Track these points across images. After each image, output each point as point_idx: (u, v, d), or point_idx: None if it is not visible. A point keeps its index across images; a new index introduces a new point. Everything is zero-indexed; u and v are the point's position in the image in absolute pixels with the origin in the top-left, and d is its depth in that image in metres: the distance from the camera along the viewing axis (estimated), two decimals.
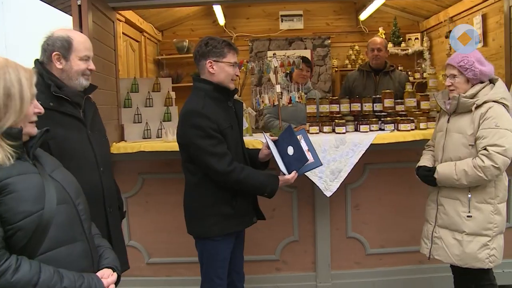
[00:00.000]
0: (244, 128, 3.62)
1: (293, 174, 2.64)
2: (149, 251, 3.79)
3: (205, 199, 2.60)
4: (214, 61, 2.54)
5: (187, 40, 6.80)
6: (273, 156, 2.69)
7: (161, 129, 3.88)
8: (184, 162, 2.66)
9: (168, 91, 4.08)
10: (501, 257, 2.81)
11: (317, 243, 3.75)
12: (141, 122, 3.90)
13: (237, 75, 2.66)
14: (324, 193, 3.44)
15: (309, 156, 2.66)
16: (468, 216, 2.75)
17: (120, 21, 5.10)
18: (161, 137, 3.81)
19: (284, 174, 2.64)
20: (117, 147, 3.53)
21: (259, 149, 2.87)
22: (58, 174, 1.71)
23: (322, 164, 2.76)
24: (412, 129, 3.66)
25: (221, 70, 2.56)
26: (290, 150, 2.67)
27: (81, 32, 2.39)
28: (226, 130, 2.54)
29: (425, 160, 3.05)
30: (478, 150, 2.67)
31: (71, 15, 3.10)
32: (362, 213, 3.79)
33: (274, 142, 2.79)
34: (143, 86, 4.03)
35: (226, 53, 2.56)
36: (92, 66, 2.27)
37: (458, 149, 2.78)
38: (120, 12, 4.86)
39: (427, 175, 2.89)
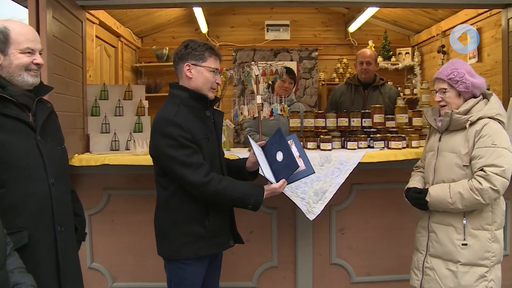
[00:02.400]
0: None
1: (282, 182, 2.37)
2: (114, 275, 3.48)
3: (175, 216, 2.38)
4: (192, 64, 2.36)
5: (167, 48, 6.54)
6: (258, 163, 2.43)
7: (130, 140, 3.57)
8: (156, 176, 2.44)
9: (141, 100, 3.78)
10: None
11: (298, 270, 3.49)
12: (109, 132, 3.60)
13: (217, 83, 2.45)
14: (307, 216, 3.16)
15: (300, 163, 2.40)
16: (463, 244, 2.52)
17: (93, 23, 4.81)
18: (129, 150, 3.49)
19: (271, 183, 2.37)
20: (79, 159, 3.22)
21: (246, 158, 2.62)
22: None
23: (314, 172, 2.48)
24: (403, 147, 3.43)
25: (199, 75, 2.36)
26: (279, 156, 2.41)
27: (36, 26, 2.09)
28: (201, 141, 2.33)
29: (415, 182, 2.81)
30: (474, 171, 2.46)
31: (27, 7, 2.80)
32: (347, 238, 3.54)
33: (262, 147, 2.55)
34: (114, 93, 3.73)
35: (206, 57, 2.37)
36: (39, 60, 1.98)
37: (451, 170, 2.55)
38: (92, 13, 4.58)
39: (418, 198, 2.64)
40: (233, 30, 6.94)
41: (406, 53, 6.74)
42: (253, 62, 3.44)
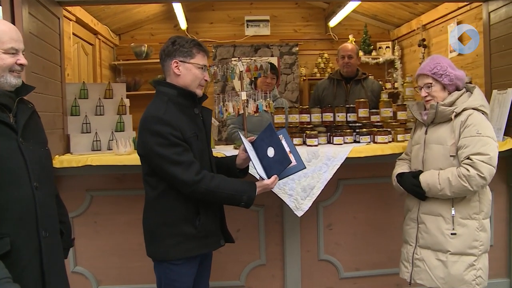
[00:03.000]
0: None
1: (274, 178, 2.32)
2: (98, 278, 3.39)
3: (164, 216, 2.31)
4: (180, 61, 2.30)
5: (146, 45, 6.41)
6: (250, 159, 2.39)
7: (112, 140, 3.48)
8: (145, 176, 2.37)
9: (122, 98, 3.68)
10: (486, 278, 2.65)
11: (286, 267, 3.45)
12: (90, 132, 3.49)
13: (206, 80, 2.39)
14: (295, 212, 3.13)
15: (291, 158, 2.35)
16: (452, 234, 2.57)
17: (70, 20, 4.68)
18: (112, 149, 3.40)
19: (263, 179, 2.32)
20: (60, 161, 3.13)
21: (236, 156, 2.57)
22: None
23: (305, 167, 2.44)
24: (389, 141, 3.42)
25: (187, 72, 2.31)
26: (270, 152, 2.36)
27: (11, 23, 2.00)
28: (190, 139, 2.27)
29: (404, 168, 2.84)
30: (461, 160, 2.52)
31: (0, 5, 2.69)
32: (335, 233, 3.51)
33: (252, 143, 2.49)
34: (94, 92, 3.62)
35: (194, 53, 2.32)
36: (22, 60, 1.89)
37: (439, 161, 2.61)
38: (69, 9, 4.46)
39: (415, 184, 2.64)
40: (213, 26, 6.85)
41: (387, 47, 6.74)
42: (237, 58, 3.38)
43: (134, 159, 3.12)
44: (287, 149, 2.35)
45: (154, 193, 2.32)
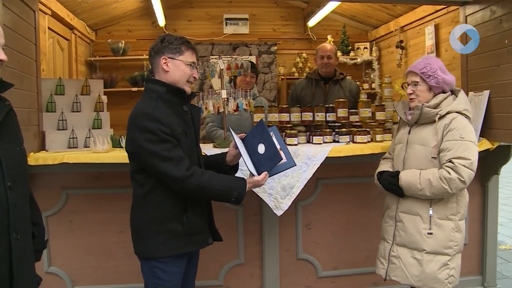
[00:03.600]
0: None
1: (264, 175, 2.32)
2: (73, 278, 3.32)
3: (152, 214, 2.29)
4: (169, 57, 2.30)
5: (123, 41, 6.31)
6: (241, 156, 2.38)
7: (89, 137, 3.41)
8: (133, 173, 2.34)
9: (99, 95, 3.62)
10: (458, 277, 2.71)
11: (264, 266, 3.45)
12: (66, 129, 3.42)
13: (194, 77, 2.38)
14: (275, 211, 3.13)
15: (281, 155, 2.34)
16: (428, 233, 2.62)
17: (45, 13, 4.56)
18: (89, 147, 3.33)
19: (253, 175, 2.31)
20: (35, 158, 3.04)
21: (225, 152, 2.56)
22: None
23: (296, 165, 2.43)
24: (368, 141, 3.44)
25: (176, 69, 2.31)
26: (261, 148, 2.35)
27: None
28: (179, 136, 2.25)
29: (387, 167, 2.88)
30: (443, 162, 2.56)
31: None
32: (313, 233, 3.53)
33: (243, 140, 2.48)
34: (70, 88, 3.55)
35: (183, 50, 2.32)
36: (2, 56, 1.80)
37: (420, 161, 2.65)
38: (44, 2, 4.37)
39: (393, 183, 2.69)
40: (191, 24, 6.79)
41: (365, 48, 6.80)
42: (217, 56, 3.36)
43: (112, 157, 3.09)
44: (278, 146, 2.34)
45: (142, 191, 2.30)
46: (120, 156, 3.07)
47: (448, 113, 2.60)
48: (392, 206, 2.80)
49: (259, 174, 2.31)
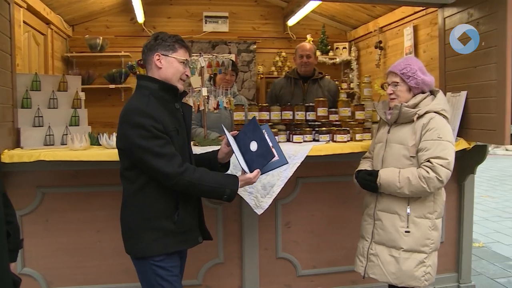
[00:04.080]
0: None
1: (256, 172, 2.31)
2: (48, 279, 3.24)
3: (143, 212, 2.28)
4: (162, 54, 2.30)
5: (101, 38, 6.22)
6: (234, 153, 2.37)
7: (66, 134, 3.34)
8: (124, 171, 2.32)
9: (77, 91, 3.55)
10: (435, 274, 2.75)
11: (244, 265, 3.44)
12: (42, 126, 3.34)
13: (187, 75, 2.39)
14: (255, 210, 3.11)
15: (274, 152, 2.33)
16: (406, 232, 2.65)
17: (21, 6, 4.45)
18: (66, 144, 3.27)
19: (246, 173, 2.30)
20: (10, 155, 2.96)
21: (216, 150, 2.56)
22: None
23: (288, 162, 2.43)
24: (348, 140, 3.45)
25: (169, 65, 2.31)
26: (253, 146, 2.34)
27: None
28: (171, 133, 2.25)
29: (366, 166, 2.92)
30: (421, 162, 2.59)
31: None
32: (293, 231, 3.53)
33: (234, 137, 2.47)
34: (47, 84, 3.47)
35: (176, 48, 2.33)
36: None
37: (398, 160, 2.69)
38: None
39: (369, 180, 2.74)
40: (170, 21, 6.73)
41: (344, 48, 6.85)
42: (198, 54, 3.33)
43: (90, 154, 3.03)
44: (270, 144, 2.33)
45: (132, 188, 2.28)
46: (99, 154, 3.02)
47: (426, 113, 2.63)
48: (370, 204, 2.83)
49: (251, 171, 2.30)
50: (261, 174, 2.35)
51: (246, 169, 2.31)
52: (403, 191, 2.59)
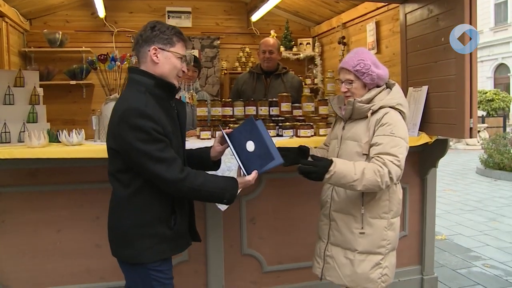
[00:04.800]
0: None
1: (254, 174, 2.22)
2: (5, 283, 3.13)
3: (137, 217, 2.17)
4: (159, 48, 2.14)
5: (61, 32, 6.03)
6: (233, 153, 2.29)
7: (24, 131, 3.24)
8: (116, 172, 2.18)
9: (35, 87, 3.44)
10: (393, 275, 2.66)
11: (209, 262, 3.41)
12: None
13: (183, 71, 2.25)
14: (218, 207, 3.11)
15: (273, 155, 2.23)
16: (361, 233, 2.55)
17: None
18: (23, 142, 3.16)
19: (244, 175, 2.23)
20: None
21: (208, 147, 2.48)
22: None
23: (283, 162, 2.26)
24: (311, 135, 3.47)
25: (166, 61, 2.16)
26: (250, 146, 2.25)
27: None
28: (170, 135, 2.13)
29: (316, 152, 2.82)
30: (371, 156, 2.45)
31: None
32: (258, 227, 3.52)
33: (228, 135, 2.36)
34: (2, 79, 3.35)
35: (175, 42, 2.18)
36: None
37: (352, 158, 2.53)
38: None
39: (320, 166, 2.36)
40: (132, 16, 6.57)
41: (307, 43, 6.87)
42: None
43: (49, 152, 2.93)
44: (268, 144, 2.24)
45: (126, 192, 2.16)
46: (58, 151, 2.94)
47: (380, 108, 2.52)
48: (326, 204, 2.73)
49: (248, 172, 2.23)
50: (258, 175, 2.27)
51: (243, 170, 2.24)
52: (357, 184, 2.36)
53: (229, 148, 2.35)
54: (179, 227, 2.25)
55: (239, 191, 2.23)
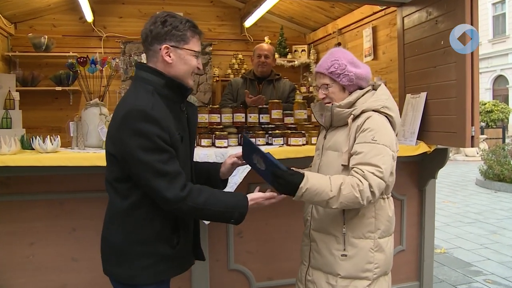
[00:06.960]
0: (102, 140, 2.97)
1: (269, 195, 2.06)
2: None
3: (136, 233, 1.93)
4: (172, 46, 1.89)
5: (46, 37, 5.83)
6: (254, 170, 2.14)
7: None
8: (113, 181, 1.94)
9: (10, 91, 3.26)
10: None
11: (193, 279, 3.22)
12: None
13: (199, 68, 2.00)
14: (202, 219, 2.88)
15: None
16: (342, 255, 2.21)
17: None
18: None
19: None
20: None
21: (218, 162, 2.27)
22: None
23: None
24: (303, 144, 3.29)
25: (180, 60, 1.91)
26: (261, 164, 2.07)
27: None
28: (177, 143, 1.89)
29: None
30: (351, 167, 2.13)
31: None
32: (246, 241, 3.34)
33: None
34: None
35: (189, 37, 1.92)
36: None
37: (333, 170, 2.23)
38: None
39: (289, 181, 2.03)
40: (122, 21, 6.41)
41: (302, 50, 6.72)
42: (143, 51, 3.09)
43: (21, 159, 2.75)
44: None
45: (124, 204, 1.92)
46: (30, 158, 2.76)
47: (362, 112, 2.19)
48: (306, 223, 2.42)
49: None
50: None
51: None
52: (333, 202, 2.04)
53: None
54: (182, 246, 2.01)
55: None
